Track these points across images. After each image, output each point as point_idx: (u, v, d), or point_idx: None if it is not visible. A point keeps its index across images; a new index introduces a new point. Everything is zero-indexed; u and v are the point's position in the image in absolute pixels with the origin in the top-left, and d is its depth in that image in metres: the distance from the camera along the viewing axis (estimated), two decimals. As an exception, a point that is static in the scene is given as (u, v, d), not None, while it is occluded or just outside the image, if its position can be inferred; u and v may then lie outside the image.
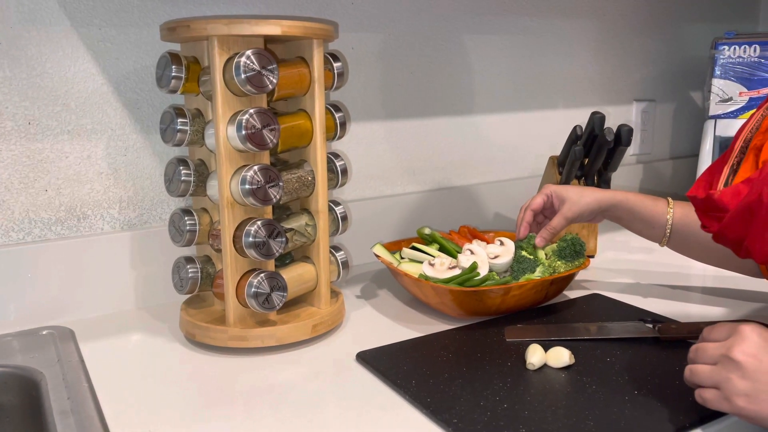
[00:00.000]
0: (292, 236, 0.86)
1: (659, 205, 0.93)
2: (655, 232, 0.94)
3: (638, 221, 0.94)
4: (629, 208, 0.93)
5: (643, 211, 0.93)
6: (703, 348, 0.59)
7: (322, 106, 0.85)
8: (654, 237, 0.95)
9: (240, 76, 0.74)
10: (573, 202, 0.93)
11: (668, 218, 0.92)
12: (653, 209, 0.93)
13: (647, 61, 1.56)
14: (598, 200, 0.93)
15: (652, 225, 0.93)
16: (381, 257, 0.99)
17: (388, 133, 1.21)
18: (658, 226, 0.93)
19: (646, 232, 0.95)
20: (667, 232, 0.92)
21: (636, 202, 0.93)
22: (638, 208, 0.93)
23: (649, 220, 0.93)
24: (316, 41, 0.82)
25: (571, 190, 0.95)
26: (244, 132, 0.76)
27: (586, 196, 0.93)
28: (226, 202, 0.79)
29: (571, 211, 0.93)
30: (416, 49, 1.21)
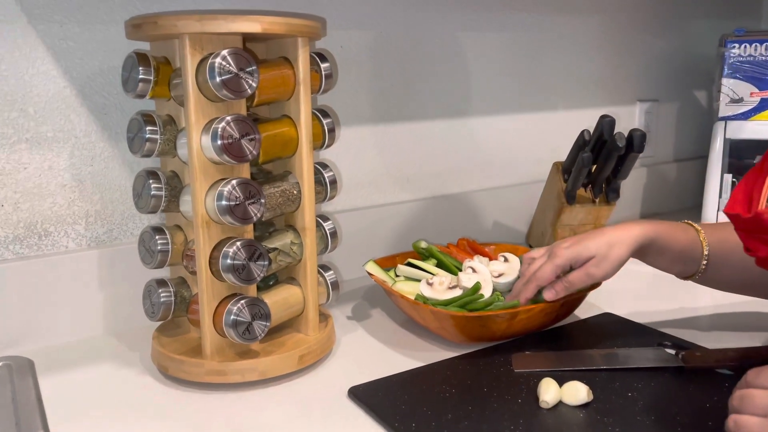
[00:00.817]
0: (275, 257, 0.77)
1: (688, 233, 0.79)
2: (686, 267, 0.80)
3: (667, 258, 0.79)
4: (660, 246, 0.78)
5: (674, 246, 0.78)
6: (750, 396, 0.51)
7: (308, 112, 0.76)
8: (683, 272, 0.80)
9: (215, 79, 0.66)
10: (601, 257, 0.76)
11: (704, 251, 0.78)
12: (684, 241, 0.78)
13: (650, 59, 1.49)
14: (631, 248, 0.76)
15: (683, 260, 0.79)
16: (374, 276, 0.90)
17: (379, 138, 1.13)
18: (691, 261, 0.79)
19: (673, 267, 0.80)
20: (702, 266, 0.79)
21: (667, 237, 0.77)
22: (669, 244, 0.78)
23: (681, 254, 0.78)
24: (301, 40, 0.74)
25: (592, 244, 0.76)
26: (220, 142, 0.67)
27: (615, 246, 0.76)
28: (200, 221, 0.71)
29: (600, 269, 0.76)
30: (410, 48, 1.13)
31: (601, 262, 0.76)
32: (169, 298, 0.78)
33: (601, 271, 0.76)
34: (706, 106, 1.63)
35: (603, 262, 0.76)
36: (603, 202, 1.05)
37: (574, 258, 0.78)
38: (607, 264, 0.76)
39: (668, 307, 0.95)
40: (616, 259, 0.76)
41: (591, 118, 1.40)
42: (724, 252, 0.79)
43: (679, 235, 0.79)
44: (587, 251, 0.77)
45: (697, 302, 0.97)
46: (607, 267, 0.76)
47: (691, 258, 0.79)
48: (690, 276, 0.81)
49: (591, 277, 0.77)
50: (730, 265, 0.78)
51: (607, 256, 0.76)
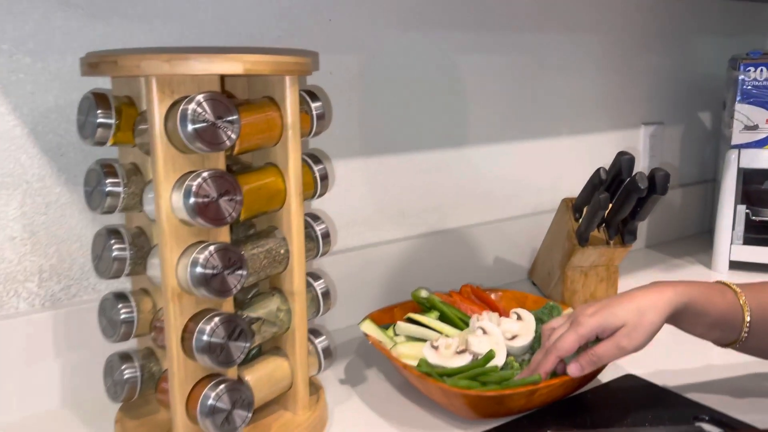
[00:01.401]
0: (259, 327, 0.67)
1: (726, 297, 0.70)
2: (724, 335, 0.71)
3: (703, 325, 0.71)
4: (696, 311, 0.69)
5: (712, 312, 0.69)
6: None
7: (298, 159, 0.66)
8: (722, 340, 0.72)
9: (187, 128, 0.55)
10: (631, 326, 0.67)
11: (745, 318, 0.69)
12: (722, 305, 0.69)
13: (655, 80, 1.41)
14: (664, 315, 0.68)
15: (721, 327, 0.70)
16: (371, 338, 0.80)
17: (371, 171, 1.02)
18: (731, 328, 0.70)
19: (710, 334, 0.72)
20: (744, 335, 0.70)
21: (701, 301, 0.69)
22: (705, 309, 0.69)
23: (719, 321, 0.70)
24: (289, 78, 0.63)
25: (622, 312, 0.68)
26: (194, 201, 0.56)
27: (647, 313, 0.67)
28: (171, 293, 0.60)
29: (632, 341, 0.67)
30: (403, 72, 1.03)
31: (633, 332, 0.68)
32: (134, 375, 0.67)
33: (633, 342, 0.68)
34: (712, 129, 1.56)
35: (634, 332, 0.67)
36: (618, 244, 0.96)
37: (600, 327, 0.69)
38: (640, 335, 0.67)
39: (694, 365, 0.86)
40: (648, 328, 0.68)
41: (595, 143, 1.32)
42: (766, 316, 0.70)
43: (716, 299, 0.70)
44: (616, 319, 0.68)
45: (726, 359, 0.88)
46: (640, 338, 0.68)
47: (730, 325, 0.70)
48: (729, 344, 0.73)
49: (622, 350, 0.68)
50: None
51: (639, 325, 0.67)
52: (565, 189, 1.29)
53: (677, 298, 0.69)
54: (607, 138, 1.34)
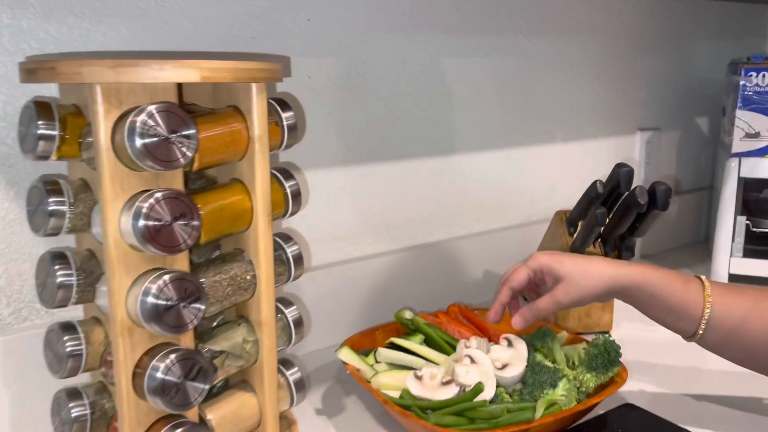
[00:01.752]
0: (222, 362, 0.60)
1: (691, 289, 0.69)
2: (683, 324, 0.70)
3: (661, 309, 0.70)
4: (650, 293, 0.69)
5: (668, 298, 0.69)
6: None
7: (266, 176, 0.59)
8: (681, 330, 0.71)
9: (135, 144, 0.48)
10: (571, 282, 0.69)
11: (705, 311, 0.68)
12: (683, 295, 0.69)
13: (652, 85, 1.35)
14: (607, 282, 0.69)
15: (679, 316, 0.69)
16: (349, 367, 0.74)
17: (354, 182, 0.96)
18: (689, 319, 0.69)
19: (670, 322, 0.71)
20: (701, 329, 0.69)
21: (659, 285, 0.69)
22: (662, 293, 0.69)
23: (677, 309, 0.69)
24: (256, 86, 0.57)
25: (569, 264, 0.70)
26: (144, 226, 0.50)
27: (590, 275, 0.69)
28: (120, 327, 0.53)
29: (568, 295, 0.69)
30: (388, 77, 0.96)
31: (570, 287, 0.69)
32: (83, 414, 0.60)
33: (569, 297, 0.69)
34: (710, 135, 1.51)
35: (571, 287, 0.69)
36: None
37: (547, 266, 0.71)
38: (576, 292, 0.69)
39: (694, 393, 0.81)
40: (586, 290, 0.69)
41: (589, 150, 1.27)
42: (734, 318, 0.68)
43: (677, 286, 0.69)
44: (561, 268, 0.70)
45: (724, 386, 0.82)
46: (575, 295, 0.69)
47: (689, 316, 0.69)
48: (690, 337, 0.70)
49: (558, 304, 0.70)
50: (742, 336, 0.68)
51: (578, 283, 0.69)
52: (559, 197, 1.23)
53: (630, 276, 0.69)
54: (602, 144, 1.29)
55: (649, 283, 0.69)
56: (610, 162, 1.30)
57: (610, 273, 0.69)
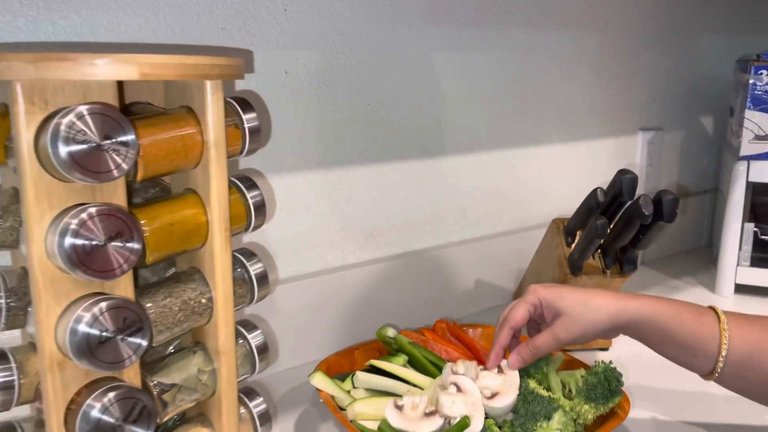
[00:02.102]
0: (174, 397, 0.53)
1: (706, 322, 0.62)
2: (698, 362, 0.63)
3: (672, 345, 0.63)
4: (659, 327, 0.63)
5: (679, 332, 0.62)
6: None
7: (223, 186, 0.52)
8: (697, 368, 0.64)
9: (59, 152, 0.41)
10: (572, 317, 0.63)
11: (722, 348, 0.61)
12: (696, 330, 0.62)
13: (655, 83, 1.28)
14: (612, 316, 0.63)
15: (694, 353, 0.63)
16: (323, 394, 0.67)
17: (334, 185, 0.89)
18: (704, 356, 0.62)
19: (684, 360, 0.64)
20: (719, 367, 0.62)
21: (669, 318, 0.62)
22: (672, 327, 0.62)
23: (690, 344, 0.62)
24: (210, 84, 0.50)
25: (569, 297, 0.64)
26: (72, 247, 0.43)
27: (592, 308, 0.63)
28: (50, 361, 0.46)
29: (569, 331, 0.64)
30: (373, 72, 0.89)
31: (571, 324, 0.63)
32: (18, 454, 0.53)
33: (570, 334, 0.64)
34: (714, 135, 1.44)
35: (573, 324, 0.63)
36: (616, 274, 0.84)
37: (545, 301, 0.66)
38: (578, 328, 0.63)
39: (703, 417, 0.74)
40: (589, 326, 0.63)
41: (589, 151, 1.20)
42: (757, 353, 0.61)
43: (687, 319, 0.62)
44: (561, 302, 0.64)
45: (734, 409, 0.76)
46: (577, 331, 0.63)
47: (704, 352, 0.62)
48: (707, 375, 0.63)
49: (558, 342, 0.64)
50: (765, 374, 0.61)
51: (580, 319, 0.63)
52: (555, 202, 1.17)
53: (636, 309, 0.63)
54: (601, 145, 1.22)
55: (657, 317, 0.62)
56: (609, 164, 1.24)
57: (615, 307, 0.63)
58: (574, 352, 0.85)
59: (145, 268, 0.57)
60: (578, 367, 0.73)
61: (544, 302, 0.66)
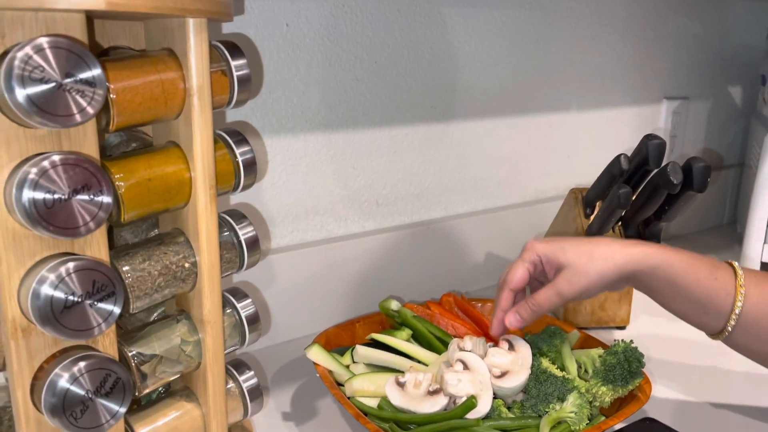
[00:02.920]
0: (154, 368, 0.49)
1: (721, 277, 0.57)
2: (708, 319, 0.58)
3: (683, 300, 0.58)
4: (670, 279, 0.57)
5: (692, 286, 0.56)
6: None
7: (207, 139, 0.47)
8: (706, 326, 0.59)
9: (14, 91, 0.36)
10: (576, 270, 0.57)
11: (736, 304, 0.56)
12: (710, 285, 0.56)
13: (682, 48, 1.21)
14: (619, 266, 0.57)
15: (705, 309, 0.57)
16: (320, 368, 0.62)
17: (339, 149, 0.84)
18: (716, 312, 0.57)
19: (693, 316, 0.59)
20: (730, 326, 0.57)
21: (681, 270, 0.56)
22: (684, 280, 0.56)
23: (703, 300, 0.57)
24: (193, 22, 0.44)
25: (572, 249, 0.58)
26: (31, 199, 0.38)
27: (598, 258, 0.57)
28: (12, 327, 0.42)
29: (573, 285, 0.57)
30: (381, 27, 0.83)
31: (575, 276, 0.57)
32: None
33: (574, 288, 0.57)
34: (742, 106, 1.37)
35: (576, 276, 0.57)
36: (637, 248, 0.78)
37: (545, 256, 0.60)
38: (582, 281, 0.57)
39: (724, 398, 0.69)
40: (594, 277, 0.57)
41: (609, 120, 1.13)
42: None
43: (702, 273, 0.56)
44: (563, 255, 0.58)
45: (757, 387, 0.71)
46: (582, 284, 0.57)
47: (716, 309, 0.57)
48: (716, 335, 0.58)
49: (561, 297, 0.58)
50: None
51: (584, 270, 0.57)
52: (573, 173, 1.11)
53: (645, 257, 0.57)
54: (623, 113, 1.15)
55: (669, 268, 0.56)
56: (631, 133, 1.17)
57: (623, 255, 0.57)
58: (590, 330, 0.81)
59: (125, 230, 0.53)
60: (595, 346, 0.68)
61: (545, 258, 0.60)
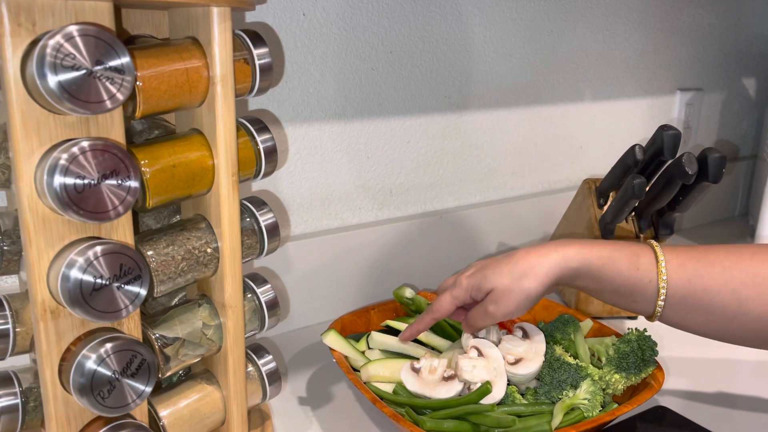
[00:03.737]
0: (176, 351, 0.50)
1: (643, 265, 0.57)
2: (638, 306, 0.58)
3: (609, 292, 0.59)
4: (594, 276, 0.58)
5: (615, 279, 0.57)
6: None
7: (230, 126, 0.48)
8: (637, 310, 0.59)
9: (46, 78, 0.37)
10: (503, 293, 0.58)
11: (660, 288, 0.56)
12: (632, 276, 0.57)
13: (697, 39, 1.20)
14: (541, 279, 0.57)
15: (633, 298, 0.58)
16: (336, 353, 0.63)
17: (353, 138, 0.84)
18: (643, 300, 0.57)
19: (624, 304, 0.59)
20: (658, 311, 0.57)
21: (603, 266, 0.57)
22: (608, 276, 0.57)
23: (628, 291, 0.57)
24: (218, 11, 0.45)
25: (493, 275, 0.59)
26: (62, 184, 0.39)
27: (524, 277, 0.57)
28: (41, 309, 0.43)
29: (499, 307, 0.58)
30: (397, 18, 0.83)
31: (501, 297, 0.58)
32: (13, 404, 0.50)
33: (501, 309, 0.59)
34: (756, 98, 1.36)
35: (503, 298, 0.58)
36: (650, 238, 0.79)
37: (473, 289, 0.61)
38: (509, 301, 0.58)
39: (734, 388, 0.70)
40: (520, 295, 0.58)
41: (622, 111, 1.13)
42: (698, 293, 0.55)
43: (622, 264, 0.57)
44: (486, 283, 0.60)
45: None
46: (508, 304, 0.58)
47: (641, 296, 0.57)
48: (650, 317, 0.58)
49: (490, 316, 0.59)
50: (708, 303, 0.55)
51: (509, 290, 0.58)
52: (585, 164, 1.11)
53: (564, 263, 0.57)
54: (636, 104, 1.15)
55: (590, 265, 0.57)
56: (644, 124, 1.17)
57: (542, 267, 0.57)
58: (602, 319, 0.81)
59: (147, 215, 0.54)
60: (608, 334, 0.68)
61: (472, 291, 0.61)
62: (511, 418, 0.54)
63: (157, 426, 0.51)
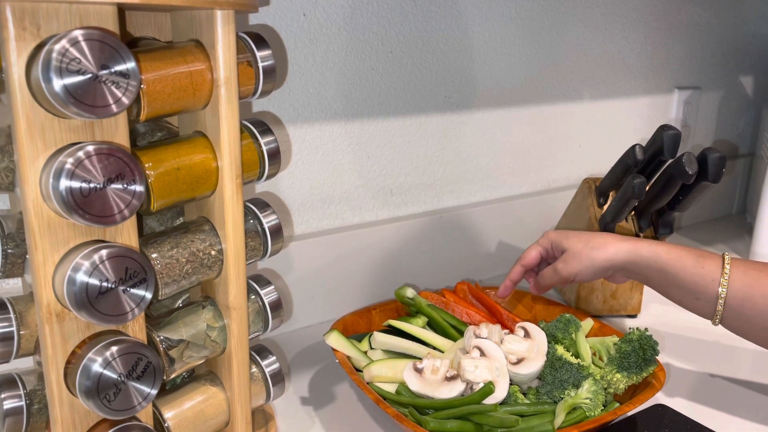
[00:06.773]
0: (181, 353, 0.50)
1: (708, 265, 0.61)
2: (700, 304, 0.62)
3: (675, 287, 0.63)
4: (660, 268, 0.63)
5: (680, 274, 0.62)
6: None
7: (234, 128, 0.48)
8: (700, 311, 0.63)
9: (51, 82, 0.37)
10: (572, 254, 0.67)
11: (720, 290, 0.60)
12: (696, 273, 0.61)
13: (695, 38, 1.21)
14: (611, 256, 0.65)
15: (696, 295, 0.62)
16: (339, 354, 0.64)
17: (354, 138, 0.84)
18: (706, 299, 0.61)
19: (687, 303, 0.63)
20: (719, 309, 0.60)
21: (670, 261, 0.62)
22: (672, 269, 0.62)
23: (692, 288, 0.62)
24: (221, 14, 0.45)
25: (574, 237, 0.68)
26: (68, 188, 0.39)
27: (595, 248, 0.66)
28: (46, 312, 0.43)
29: (567, 266, 0.67)
30: (397, 18, 0.84)
31: (570, 259, 0.67)
32: (18, 406, 0.51)
33: (567, 269, 0.67)
34: (754, 96, 1.36)
35: (571, 259, 0.67)
36: (650, 237, 0.79)
37: (553, 242, 0.70)
38: (576, 263, 0.66)
39: (734, 387, 0.70)
40: (586, 261, 0.66)
41: (621, 110, 1.14)
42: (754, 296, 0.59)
43: (689, 262, 0.62)
44: (565, 241, 0.68)
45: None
46: (574, 265, 0.66)
47: (704, 294, 0.61)
48: (711, 317, 0.62)
49: (557, 273, 0.68)
50: None
51: (579, 255, 0.66)
52: (584, 162, 1.11)
53: (635, 250, 0.64)
54: (635, 103, 1.15)
55: (658, 257, 0.63)
56: (643, 123, 1.18)
57: (615, 247, 0.65)
58: (604, 318, 0.82)
59: (151, 217, 0.54)
60: (609, 334, 0.69)
61: (553, 243, 0.70)
62: (514, 418, 0.54)
63: (162, 427, 0.51)
